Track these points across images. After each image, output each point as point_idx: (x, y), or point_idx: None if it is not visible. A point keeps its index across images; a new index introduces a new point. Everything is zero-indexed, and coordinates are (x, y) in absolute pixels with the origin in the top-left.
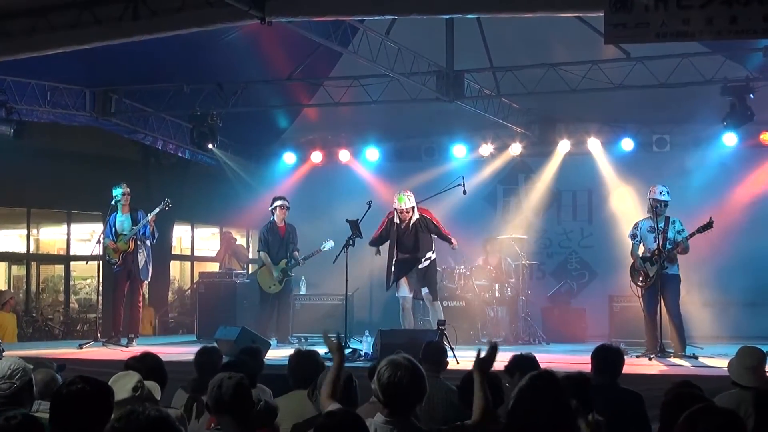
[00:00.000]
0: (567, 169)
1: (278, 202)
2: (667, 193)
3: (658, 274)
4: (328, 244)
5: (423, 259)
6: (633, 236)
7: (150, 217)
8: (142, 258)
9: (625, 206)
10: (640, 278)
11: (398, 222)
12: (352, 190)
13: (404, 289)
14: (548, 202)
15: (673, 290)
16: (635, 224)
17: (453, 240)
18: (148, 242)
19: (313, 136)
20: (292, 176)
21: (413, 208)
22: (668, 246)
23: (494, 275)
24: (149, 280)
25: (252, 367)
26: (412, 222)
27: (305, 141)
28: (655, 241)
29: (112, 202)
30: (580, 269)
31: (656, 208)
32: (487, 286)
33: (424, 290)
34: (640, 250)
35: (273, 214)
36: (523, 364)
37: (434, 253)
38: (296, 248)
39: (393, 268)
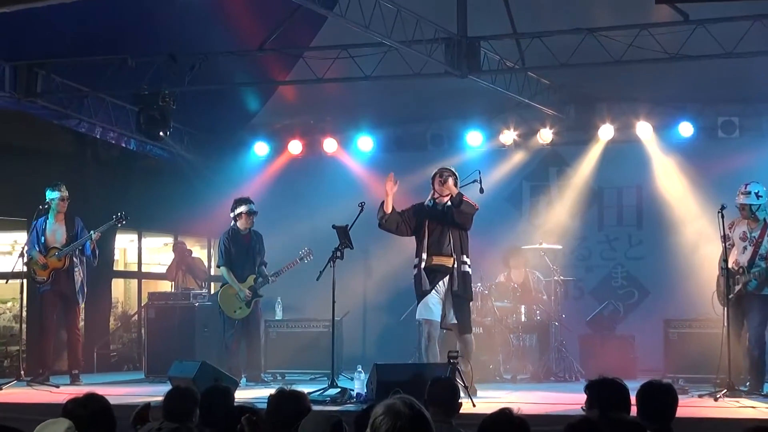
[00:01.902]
0: (610, 161)
1: (242, 207)
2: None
3: (742, 292)
4: (306, 252)
5: (461, 264)
6: (725, 237)
7: (95, 234)
8: (78, 277)
9: (685, 207)
10: (728, 294)
11: (430, 206)
12: (340, 189)
13: (432, 310)
14: (587, 202)
15: (758, 314)
16: (731, 223)
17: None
18: (86, 260)
19: (291, 121)
20: (265, 171)
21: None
22: (760, 263)
23: (519, 295)
24: (83, 303)
25: (221, 412)
26: (446, 208)
27: (281, 127)
28: (744, 252)
29: (43, 206)
30: (628, 286)
31: (749, 211)
32: (510, 309)
33: (451, 316)
34: (732, 257)
35: (235, 221)
36: (605, 392)
37: (468, 258)
38: (265, 262)
39: (423, 275)
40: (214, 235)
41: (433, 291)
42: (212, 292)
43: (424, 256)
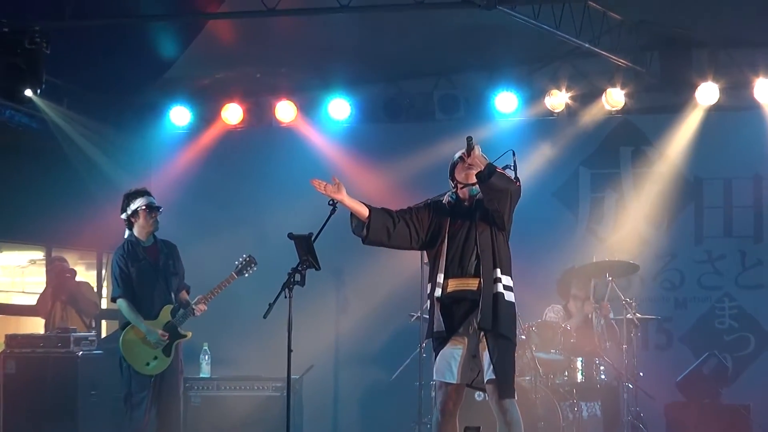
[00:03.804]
0: (714, 138)
1: (139, 201)
2: None
3: None
4: (244, 261)
5: (495, 286)
6: None
7: None
8: None
9: None
10: None
11: (453, 203)
12: (301, 178)
13: (451, 366)
14: (678, 201)
15: None
16: None
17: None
18: None
19: (227, 75)
20: (186, 150)
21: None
22: None
23: (575, 342)
24: None
25: None
26: (477, 204)
27: (211, 84)
28: None
29: None
30: (740, 330)
31: None
32: (561, 363)
33: (490, 371)
34: None
35: (131, 225)
36: None
37: (512, 280)
38: (185, 285)
39: (437, 310)
40: (108, 248)
41: (455, 335)
42: (104, 335)
43: (440, 279)
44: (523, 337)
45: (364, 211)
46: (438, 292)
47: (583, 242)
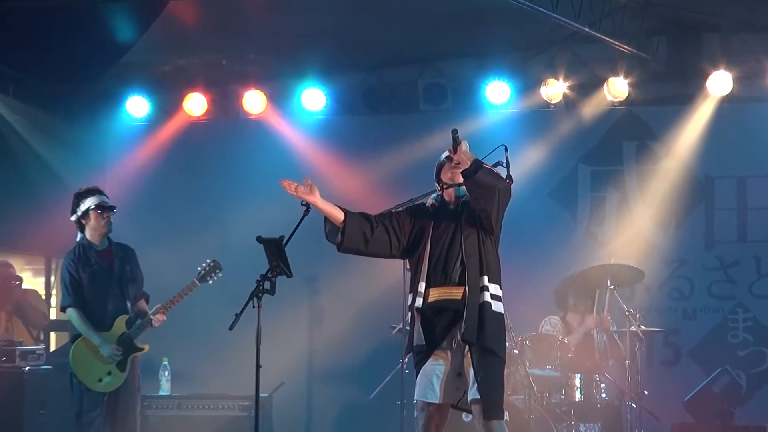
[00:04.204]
0: (727, 133)
1: (90, 201)
2: None
3: None
4: (208, 267)
5: (482, 294)
6: None
7: None
8: None
9: None
10: None
11: (437, 206)
12: (271, 175)
13: (434, 385)
14: (687, 201)
15: None
16: None
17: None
18: None
19: (189, 62)
20: (144, 144)
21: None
22: None
23: (573, 357)
24: None
25: None
26: (463, 206)
27: (171, 71)
28: None
29: None
30: (755, 344)
31: None
32: (557, 380)
33: (474, 390)
34: None
35: (82, 227)
36: None
37: (501, 289)
38: (143, 293)
39: (416, 320)
40: (58, 253)
41: (437, 350)
42: (53, 348)
43: (422, 288)
44: (516, 351)
45: (339, 216)
46: (419, 302)
47: (582, 247)
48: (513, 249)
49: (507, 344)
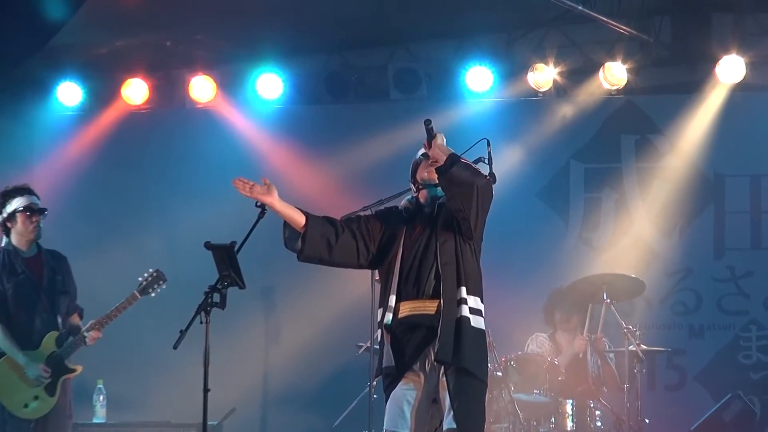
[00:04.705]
0: (739, 126)
1: (16, 202)
2: None
3: None
4: (150, 277)
5: (459, 308)
6: None
7: None
8: None
9: None
10: None
11: (412, 210)
12: (221, 172)
13: (405, 413)
14: (694, 203)
15: None
16: None
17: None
18: None
19: (128, 43)
20: (77, 137)
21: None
22: None
23: (564, 380)
24: None
25: None
26: (440, 208)
27: (108, 54)
28: None
29: None
30: None
31: None
32: (547, 407)
33: (450, 418)
34: None
35: (8, 231)
36: None
37: (482, 303)
38: (76, 306)
39: (385, 339)
40: None
41: (408, 372)
42: None
43: (392, 302)
44: (499, 373)
45: (300, 219)
46: (388, 318)
47: (574, 255)
48: (496, 257)
49: (489, 365)
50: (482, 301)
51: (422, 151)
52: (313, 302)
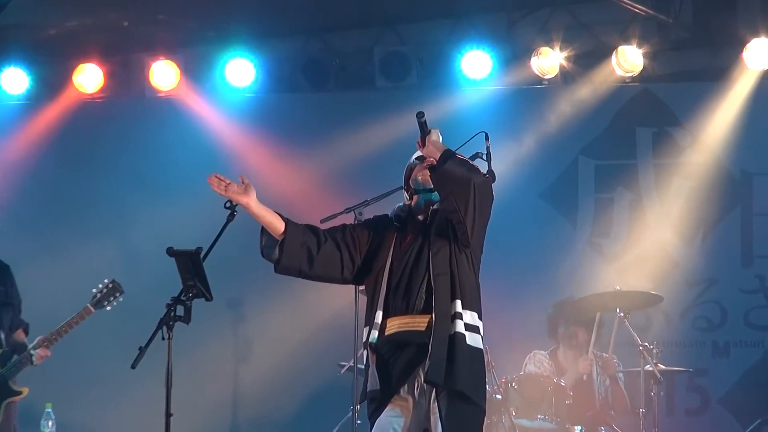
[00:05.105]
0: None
1: None
2: None
3: None
4: (104, 289)
5: (453, 324)
6: None
7: None
8: None
9: None
10: None
11: (403, 217)
12: (185, 169)
13: None
14: (719, 203)
15: None
16: None
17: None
18: None
19: (81, 23)
20: (22, 129)
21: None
22: None
23: (572, 404)
24: None
25: None
26: (431, 220)
27: (58, 36)
28: None
29: None
30: None
31: None
32: None
33: None
34: None
35: None
36: None
37: (481, 319)
38: (22, 322)
39: (370, 359)
40: None
41: (395, 397)
42: None
43: (378, 318)
44: (499, 396)
45: (279, 225)
46: (374, 335)
47: (583, 263)
48: (494, 266)
49: (488, 387)
50: (480, 318)
51: (417, 153)
52: (289, 316)
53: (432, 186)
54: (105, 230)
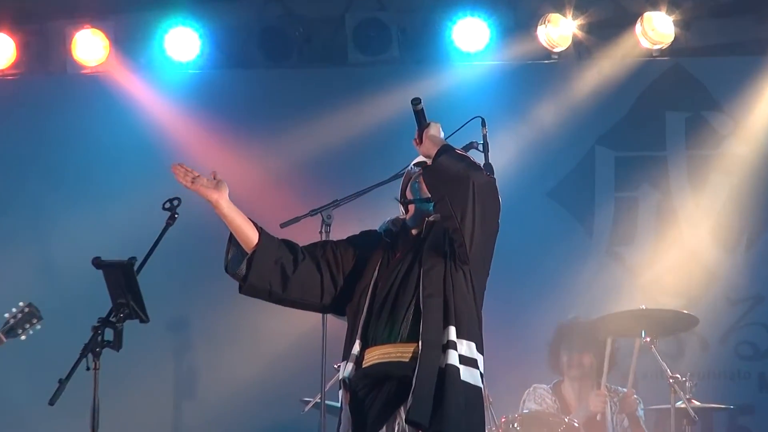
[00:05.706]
0: None
1: None
2: None
3: None
4: (20, 313)
5: (445, 355)
6: None
7: None
8: None
9: None
10: None
11: (394, 232)
12: (116, 160)
13: None
14: (766, 203)
15: None
16: None
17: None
18: None
19: None
20: None
21: None
22: None
23: None
24: None
25: None
26: (425, 235)
27: None
28: None
29: None
30: None
31: None
32: None
33: None
34: None
35: None
36: None
37: (481, 352)
38: None
39: (343, 397)
40: None
41: None
42: None
43: (356, 348)
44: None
45: (251, 234)
46: (348, 370)
47: (600, 275)
48: (492, 279)
49: (492, 421)
50: (480, 350)
51: (418, 159)
52: (244, 340)
53: (426, 194)
54: (18, 236)
